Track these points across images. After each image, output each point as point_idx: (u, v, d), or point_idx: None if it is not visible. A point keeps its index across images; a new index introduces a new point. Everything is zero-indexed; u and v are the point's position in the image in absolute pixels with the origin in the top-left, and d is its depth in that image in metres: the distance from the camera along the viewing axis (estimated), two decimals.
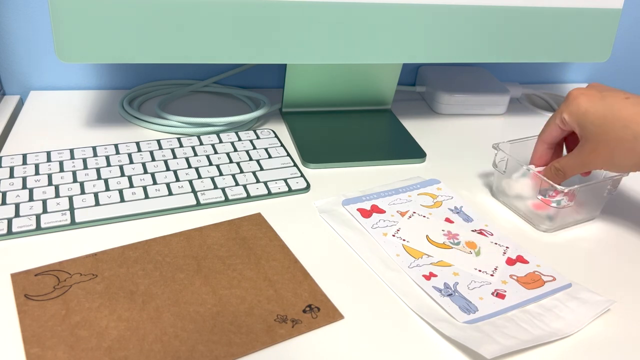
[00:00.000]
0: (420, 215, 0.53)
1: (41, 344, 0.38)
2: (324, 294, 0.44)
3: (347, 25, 0.58)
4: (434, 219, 0.53)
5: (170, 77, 0.77)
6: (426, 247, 0.50)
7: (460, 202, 0.56)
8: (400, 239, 0.50)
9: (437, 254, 0.49)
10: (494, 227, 0.53)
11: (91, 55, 0.54)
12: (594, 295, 0.46)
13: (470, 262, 0.48)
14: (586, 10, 0.64)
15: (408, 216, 0.53)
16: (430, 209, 0.55)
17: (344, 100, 0.72)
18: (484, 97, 0.76)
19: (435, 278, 0.46)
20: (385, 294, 0.45)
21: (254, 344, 0.39)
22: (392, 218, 0.53)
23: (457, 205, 0.55)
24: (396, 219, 0.53)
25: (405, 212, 0.54)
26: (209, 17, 0.54)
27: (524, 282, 0.47)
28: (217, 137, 0.63)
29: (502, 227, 0.54)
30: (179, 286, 0.44)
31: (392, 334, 0.42)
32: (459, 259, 0.49)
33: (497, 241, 0.51)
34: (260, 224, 0.51)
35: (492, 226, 0.53)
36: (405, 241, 0.50)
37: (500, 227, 0.54)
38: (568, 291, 0.46)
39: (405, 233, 0.51)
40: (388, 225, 0.52)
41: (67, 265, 0.45)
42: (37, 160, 0.56)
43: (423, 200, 0.56)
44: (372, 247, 0.49)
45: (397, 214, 0.53)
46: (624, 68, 0.95)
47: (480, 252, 0.49)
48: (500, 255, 0.49)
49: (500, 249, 0.50)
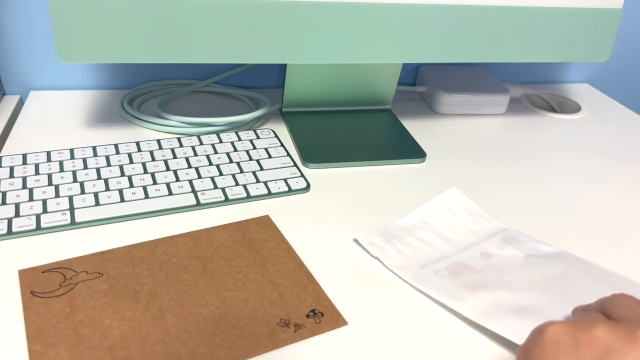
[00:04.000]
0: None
1: (44, 341, 0.38)
2: (329, 299, 0.44)
3: (347, 25, 0.58)
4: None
5: (170, 77, 0.77)
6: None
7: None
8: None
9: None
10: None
11: (91, 55, 0.54)
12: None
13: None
14: (586, 10, 0.64)
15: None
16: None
17: (344, 100, 0.72)
18: (484, 97, 0.76)
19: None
20: (390, 301, 0.45)
21: (255, 348, 0.39)
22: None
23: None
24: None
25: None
26: (209, 17, 0.54)
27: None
28: (217, 137, 0.63)
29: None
30: (184, 287, 0.44)
31: (395, 342, 0.42)
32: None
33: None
34: (268, 227, 0.51)
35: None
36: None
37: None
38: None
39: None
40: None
41: (74, 263, 0.45)
42: (37, 160, 0.56)
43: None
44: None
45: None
46: (623, 68, 0.95)
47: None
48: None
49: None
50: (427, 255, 0.49)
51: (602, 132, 0.76)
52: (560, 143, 0.72)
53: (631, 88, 0.98)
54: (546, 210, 0.58)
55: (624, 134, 0.76)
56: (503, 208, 0.58)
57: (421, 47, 0.61)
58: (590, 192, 0.62)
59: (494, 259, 0.49)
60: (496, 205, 0.58)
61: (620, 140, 0.74)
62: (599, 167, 0.67)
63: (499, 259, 0.49)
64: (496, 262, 0.49)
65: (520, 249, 0.50)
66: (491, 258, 0.49)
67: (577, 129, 0.76)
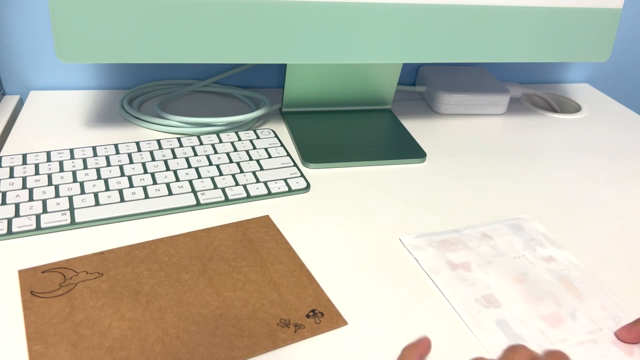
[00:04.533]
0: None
1: (44, 342, 0.38)
2: (329, 299, 0.44)
3: (347, 25, 0.58)
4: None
5: (170, 77, 0.77)
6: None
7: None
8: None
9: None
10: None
11: (91, 55, 0.54)
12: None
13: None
14: (586, 10, 0.64)
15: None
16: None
17: (344, 100, 0.72)
18: (484, 97, 0.76)
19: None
20: (390, 302, 0.45)
21: (255, 348, 0.39)
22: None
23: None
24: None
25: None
26: (209, 17, 0.54)
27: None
28: (217, 137, 0.63)
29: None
30: (184, 287, 0.44)
31: (395, 342, 0.42)
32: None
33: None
34: (268, 227, 0.51)
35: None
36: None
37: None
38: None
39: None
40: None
41: (74, 263, 0.45)
42: (37, 160, 0.56)
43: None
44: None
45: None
46: (623, 68, 0.95)
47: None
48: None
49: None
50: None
51: (602, 132, 0.76)
52: (560, 143, 0.72)
53: (631, 88, 0.98)
54: (546, 210, 0.58)
55: (624, 134, 0.76)
56: (503, 208, 0.58)
57: (421, 47, 0.61)
58: (591, 192, 0.62)
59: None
60: (496, 205, 0.58)
61: (620, 140, 0.74)
62: (598, 167, 0.67)
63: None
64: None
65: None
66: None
67: (577, 129, 0.76)
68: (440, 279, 0.47)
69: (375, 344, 0.41)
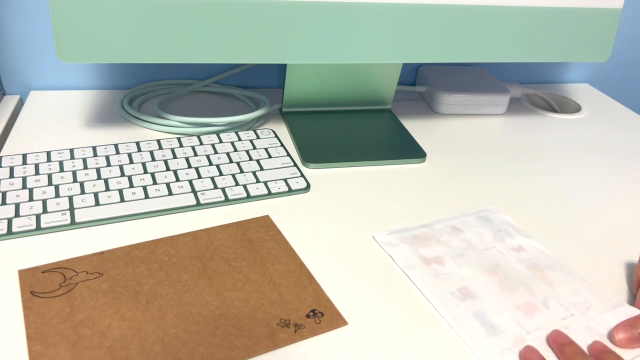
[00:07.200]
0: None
1: (44, 342, 0.38)
2: (329, 299, 0.44)
3: (347, 25, 0.58)
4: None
5: (170, 77, 0.77)
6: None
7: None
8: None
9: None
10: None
11: (91, 55, 0.54)
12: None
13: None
14: (586, 10, 0.64)
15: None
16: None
17: (344, 100, 0.72)
18: (484, 97, 0.76)
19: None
20: (390, 301, 0.45)
21: (255, 348, 0.39)
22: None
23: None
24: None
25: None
26: (209, 17, 0.54)
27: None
28: (217, 137, 0.63)
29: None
30: (184, 287, 0.44)
31: (395, 342, 0.42)
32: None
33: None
34: (268, 226, 0.51)
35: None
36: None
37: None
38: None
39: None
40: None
41: (74, 263, 0.45)
42: (37, 160, 0.56)
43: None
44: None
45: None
46: (623, 68, 0.95)
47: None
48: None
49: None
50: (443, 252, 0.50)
51: (602, 132, 0.76)
52: (560, 143, 0.72)
53: (631, 88, 0.98)
54: (546, 210, 0.58)
55: (624, 134, 0.76)
56: (503, 208, 0.58)
57: (421, 47, 0.61)
58: (591, 191, 0.62)
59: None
60: (496, 205, 0.58)
61: (620, 140, 0.74)
62: (599, 167, 0.67)
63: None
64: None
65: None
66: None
67: (577, 129, 0.76)
68: (415, 275, 0.47)
69: (376, 344, 0.41)
